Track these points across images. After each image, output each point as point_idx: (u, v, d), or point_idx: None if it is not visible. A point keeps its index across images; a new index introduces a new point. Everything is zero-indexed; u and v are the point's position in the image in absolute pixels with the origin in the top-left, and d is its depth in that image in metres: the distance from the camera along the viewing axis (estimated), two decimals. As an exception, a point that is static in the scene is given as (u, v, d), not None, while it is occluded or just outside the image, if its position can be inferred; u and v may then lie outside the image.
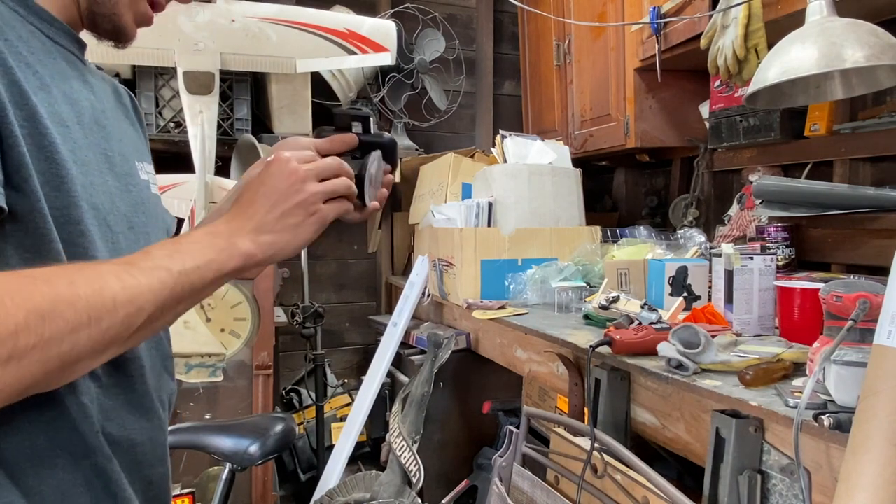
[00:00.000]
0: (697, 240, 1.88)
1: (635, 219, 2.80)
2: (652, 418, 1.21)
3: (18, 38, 0.63)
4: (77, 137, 0.66)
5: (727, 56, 1.49)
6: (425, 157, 2.81)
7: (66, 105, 0.66)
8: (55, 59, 0.68)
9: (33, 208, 0.60)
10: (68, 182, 0.63)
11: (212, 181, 2.21)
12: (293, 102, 2.55)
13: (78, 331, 0.54)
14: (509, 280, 1.99)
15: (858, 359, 0.82)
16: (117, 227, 0.70)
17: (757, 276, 1.34)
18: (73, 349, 0.54)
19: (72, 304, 0.54)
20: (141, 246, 0.73)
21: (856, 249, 1.71)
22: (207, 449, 1.47)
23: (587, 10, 2.46)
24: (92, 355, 0.57)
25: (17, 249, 0.59)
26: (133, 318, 0.58)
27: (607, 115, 2.39)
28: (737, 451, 0.92)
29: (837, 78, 1.25)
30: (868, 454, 0.65)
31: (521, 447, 1.41)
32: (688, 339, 1.09)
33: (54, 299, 0.53)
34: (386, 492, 1.85)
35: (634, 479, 1.08)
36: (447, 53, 2.99)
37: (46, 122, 0.61)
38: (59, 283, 0.54)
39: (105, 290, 0.56)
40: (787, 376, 1.03)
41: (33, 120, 0.60)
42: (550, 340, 1.48)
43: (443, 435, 2.18)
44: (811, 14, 1.18)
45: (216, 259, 0.65)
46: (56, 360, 0.53)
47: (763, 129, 1.87)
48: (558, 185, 2.15)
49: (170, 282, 0.61)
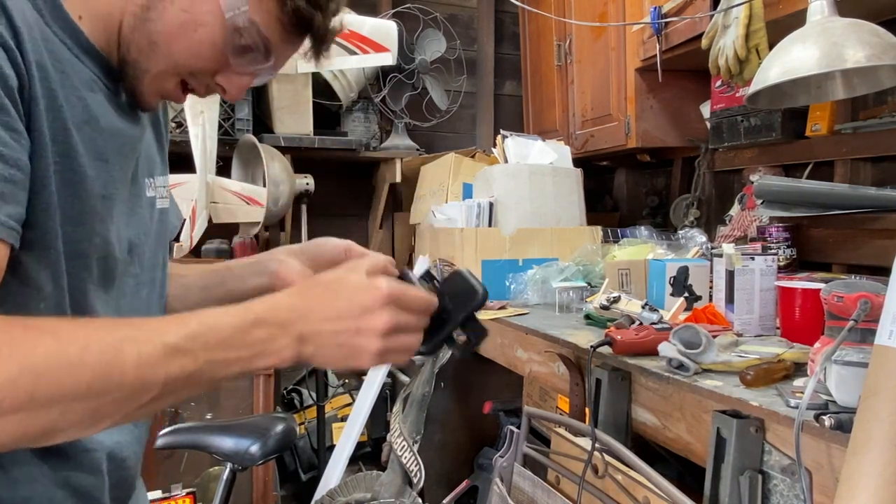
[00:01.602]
0: (698, 240, 1.88)
1: (636, 219, 2.80)
2: (653, 418, 1.21)
3: (72, 69, 0.63)
4: (112, 170, 0.67)
5: (728, 56, 1.49)
6: (426, 157, 2.81)
7: (109, 138, 0.66)
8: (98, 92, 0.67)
9: (49, 245, 0.60)
10: (89, 219, 0.63)
11: (213, 181, 2.21)
12: (294, 103, 2.55)
13: (72, 401, 0.50)
14: (510, 280, 1.99)
15: (859, 359, 0.82)
16: (119, 253, 0.70)
17: (758, 277, 1.33)
18: (63, 418, 0.50)
19: (73, 371, 0.49)
20: (135, 270, 0.74)
21: (857, 249, 1.71)
22: (208, 449, 1.47)
23: (588, 10, 2.46)
24: (81, 427, 0.53)
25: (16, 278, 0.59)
26: (138, 397, 0.53)
27: (608, 115, 2.39)
28: (738, 451, 0.92)
29: (838, 78, 1.25)
30: (869, 454, 0.65)
31: (521, 447, 1.41)
32: (689, 340, 1.09)
33: (57, 360, 0.49)
34: (387, 492, 1.85)
35: (635, 480, 1.08)
36: (448, 53, 2.99)
37: (82, 160, 0.61)
38: (70, 343, 0.50)
39: (116, 366, 0.51)
40: (788, 376, 1.03)
41: (69, 156, 0.60)
42: (551, 340, 1.48)
43: (444, 435, 2.18)
44: (812, 14, 1.18)
45: (247, 356, 0.58)
46: (40, 424, 0.49)
47: (764, 129, 1.87)
48: (559, 185, 2.15)
49: (191, 368, 0.55)
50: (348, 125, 2.85)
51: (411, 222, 2.79)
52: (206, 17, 0.67)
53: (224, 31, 0.68)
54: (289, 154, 2.55)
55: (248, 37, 0.69)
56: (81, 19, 0.65)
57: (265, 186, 2.30)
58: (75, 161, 0.61)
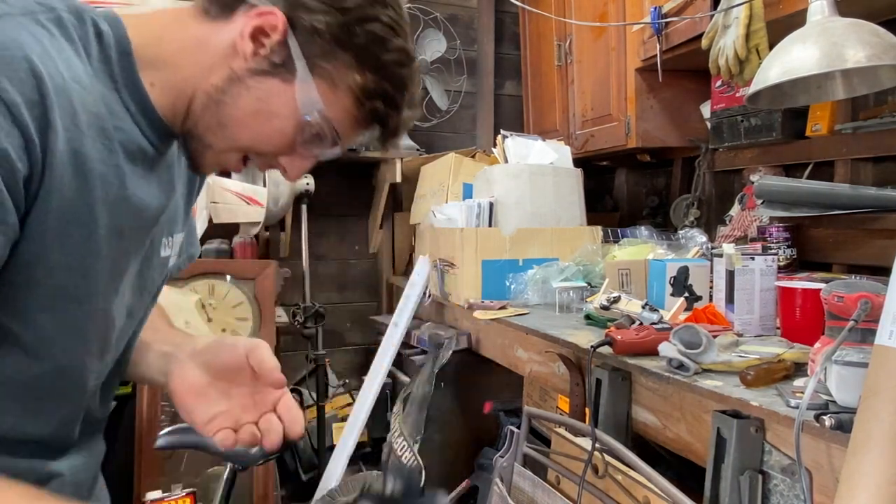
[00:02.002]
0: (698, 240, 1.88)
1: (636, 219, 2.79)
2: (653, 418, 1.21)
3: (124, 139, 0.64)
4: (127, 243, 0.67)
5: (728, 56, 1.49)
6: (426, 157, 2.81)
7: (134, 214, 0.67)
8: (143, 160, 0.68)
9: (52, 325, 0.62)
10: (94, 299, 0.65)
11: (213, 181, 2.21)
12: (294, 102, 2.55)
13: None
14: (510, 280, 1.99)
15: (860, 359, 0.82)
16: (119, 321, 0.71)
17: (758, 277, 1.33)
18: None
19: None
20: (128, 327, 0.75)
21: (857, 250, 1.71)
22: (209, 449, 1.46)
23: (588, 10, 2.46)
24: None
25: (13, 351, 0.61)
26: None
27: (608, 115, 2.39)
28: (738, 451, 0.92)
29: (839, 78, 1.25)
30: (869, 454, 0.65)
31: (522, 447, 1.41)
32: (689, 340, 1.09)
33: None
34: (387, 492, 1.85)
35: (635, 480, 1.08)
36: (448, 53, 2.98)
37: (99, 236, 0.62)
38: None
39: None
40: (788, 376, 1.03)
41: (88, 235, 0.61)
42: (551, 340, 1.48)
43: (444, 435, 2.18)
44: (812, 14, 1.18)
45: None
46: None
47: (764, 129, 1.87)
48: (559, 185, 2.15)
49: None
50: (348, 125, 2.85)
51: (411, 222, 2.79)
52: (282, 109, 0.68)
53: (297, 124, 0.69)
54: (289, 154, 2.55)
55: (319, 130, 0.70)
56: (153, 86, 0.67)
57: (265, 186, 2.30)
58: (91, 239, 0.61)
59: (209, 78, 0.67)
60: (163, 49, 0.67)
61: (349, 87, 0.69)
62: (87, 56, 0.62)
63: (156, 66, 0.67)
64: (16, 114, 0.53)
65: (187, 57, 0.68)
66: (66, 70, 0.58)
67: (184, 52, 0.68)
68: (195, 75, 0.68)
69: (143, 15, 0.70)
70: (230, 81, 0.67)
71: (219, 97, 0.67)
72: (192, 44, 0.68)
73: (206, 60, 0.67)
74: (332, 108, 0.69)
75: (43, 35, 0.58)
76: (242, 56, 0.67)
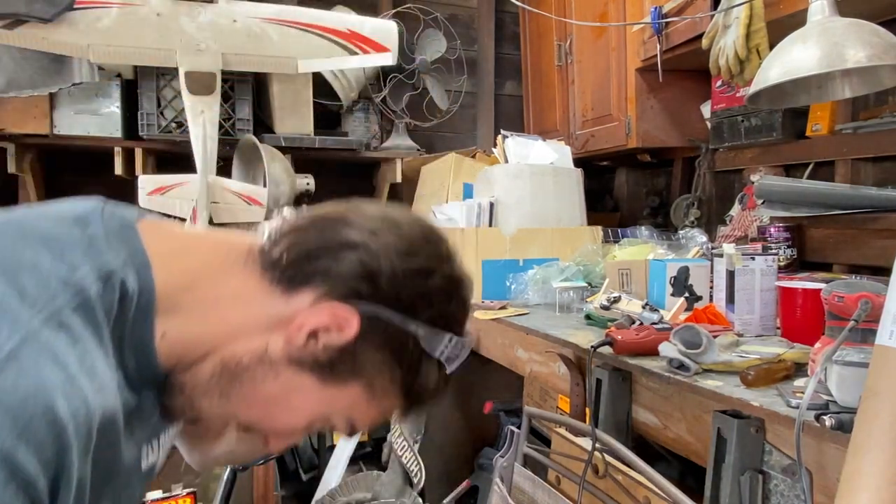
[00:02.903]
0: (699, 240, 1.88)
1: (637, 219, 2.79)
2: (653, 418, 1.21)
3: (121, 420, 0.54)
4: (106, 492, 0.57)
5: (729, 56, 1.49)
6: (427, 157, 2.81)
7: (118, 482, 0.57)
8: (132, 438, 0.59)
9: None
10: None
11: (213, 181, 2.21)
12: (295, 102, 2.55)
13: None
14: (510, 280, 1.99)
15: (860, 359, 0.82)
16: None
17: (758, 277, 1.33)
18: None
19: None
20: None
21: (857, 249, 1.71)
22: (209, 449, 1.47)
23: (588, 10, 2.46)
24: None
25: None
26: None
27: (608, 115, 2.39)
28: (738, 451, 0.92)
29: (839, 78, 1.25)
30: (870, 454, 0.65)
31: (522, 447, 1.41)
32: (689, 340, 1.09)
33: None
34: (387, 492, 1.85)
35: (636, 480, 1.08)
36: (448, 53, 2.98)
37: None
38: None
39: None
40: (788, 377, 1.03)
41: None
42: (552, 341, 1.48)
43: (444, 435, 2.18)
44: (813, 14, 1.18)
45: None
46: None
47: (765, 129, 1.87)
48: (559, 185, 2.15)
49: None
50: (349, 125, 2.85)
51: (412, 222, 2.79)
52: (304, 405, 0.61)
53: (312, 422, 0.63)
54: (289, 154, 2.55)
55: (335, 426, 0.64)
56: (163, 337, 0.57)
57: (266, 186, 2.30)
58: None
59: (233, 344, 0.59)
60: (192, 297, 0.58)
61: (391, 403, 0.65)
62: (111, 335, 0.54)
63: (175, 313, 0.57)
64: (32, 495, 0.46)
65: (217, 312, 0.59)
66: (89, 384, 0.49)
67: (215, 306, 0.59)
68: (216, 335, 0.59)
69: (188, 250, 0.62)
70: (259, 361, 0.58)
71: (237, 371, 0.58)
72: (229, 297, 0.59)
73: (237, 321, 0.59)
74: (362, 415, 0.64)
75: (67, 350, 0.49)
76: (287, 340, 0.58)
